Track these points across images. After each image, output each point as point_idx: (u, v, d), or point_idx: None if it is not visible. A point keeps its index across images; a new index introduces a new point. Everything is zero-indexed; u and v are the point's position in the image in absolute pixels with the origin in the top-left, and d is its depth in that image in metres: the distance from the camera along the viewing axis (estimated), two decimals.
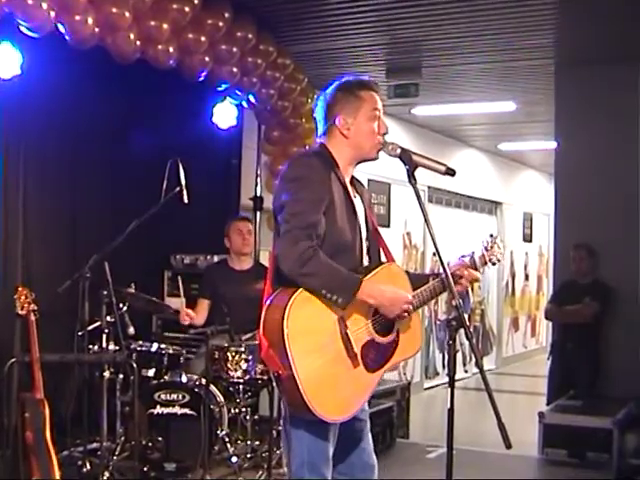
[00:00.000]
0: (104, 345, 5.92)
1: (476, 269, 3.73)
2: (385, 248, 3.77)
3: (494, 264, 3.87)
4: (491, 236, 3.88)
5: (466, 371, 13.76)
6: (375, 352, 3.43)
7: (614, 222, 8.21)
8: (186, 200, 6.10)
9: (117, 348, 5.97)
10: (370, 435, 3.74)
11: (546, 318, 8.95)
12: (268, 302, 3.34)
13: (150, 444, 5.95)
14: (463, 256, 3.77)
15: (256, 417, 6.55)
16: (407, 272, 3.77)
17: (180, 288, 6.62)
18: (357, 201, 3.63)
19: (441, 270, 3.38)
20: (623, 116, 8.32)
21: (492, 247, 3.82)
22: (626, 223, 8.16)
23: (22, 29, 5.39)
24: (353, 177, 3.72)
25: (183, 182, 6.06)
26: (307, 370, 3.19)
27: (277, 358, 3.22)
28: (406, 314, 3.44)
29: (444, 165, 3.41)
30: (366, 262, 3.61)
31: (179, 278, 6.77)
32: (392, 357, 3.51)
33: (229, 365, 6.02)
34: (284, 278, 3.30)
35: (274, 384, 3.43)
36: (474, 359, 4.02)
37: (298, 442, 3.41)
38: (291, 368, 3.17)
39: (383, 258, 3.75)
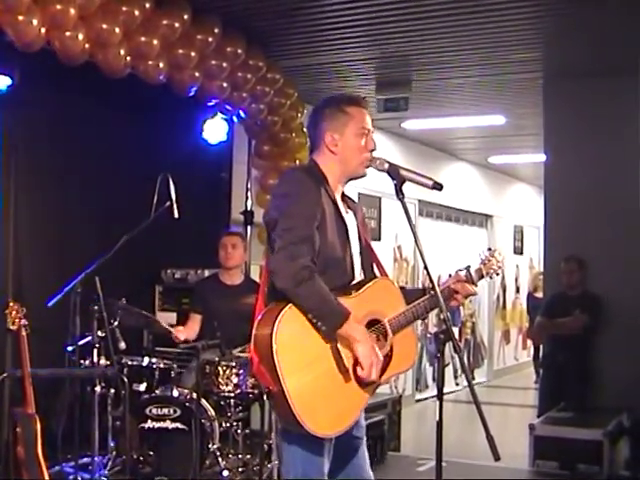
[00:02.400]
0: (95, 360, 5.93)
1: (472, 283, 3.73)
2: (378, 264, 3.77)
3: (491, 277, 3.87)
4: (489, 249, 3.89)
5: (457, 384, 13.76)
6: None
7: (604, 234, 8.24)
8: (176, 215, 6.12)
9: (108, 363, 5.97)
10: (367, 452, 3.73)
11: (530, 336, 8.94)
12: (259, 318, 3.35)
13: (141, 458, 5.94)
14: (460, 270, 3.77)
15: (247, 431, 6.55)
16: (402, 287, 3.77)
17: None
18: (349, 217, 3.64)
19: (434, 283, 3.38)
20: (611, 129, 8.37)
21: (490, 260, 3.83)
22: (616, 235, 8.18)
23: (13, 45, 5.42)
24: (344, 194, 3.73)
25: (173, 197, 6.08)
26: (297, 385, 3.19)
27: (267, 374, 3.23)
28: (367, 374, 3.32)
29: (431, 179, 3.43)
30: (359, 278, 3.61)
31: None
32: (385, 371, 3.50)
33: (220, 379, 6.03)
34: (277, 293, 3.30)
35: (265, 399, 3.43)
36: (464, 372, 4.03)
37: (292, 457, 3.41)
38: (281, 383, 3.17)
39: (376, 274, 3.75)
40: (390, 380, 10.08)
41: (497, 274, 3.86)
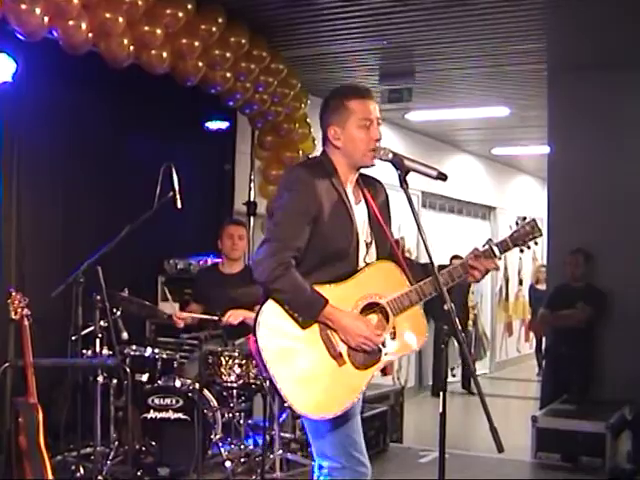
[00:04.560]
0: (98, 350, 5.93)
1: (494, 257, 3.58)
2: (395, 251, 3.68)
3: (528, 247, 3.70)
4: (524, 218, 3.74)
5: (453, 375, 13.70)
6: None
7: (607, 226, 8.23)
8: (179, 205, 6.09)
9: (111, 353, 5.97)
10: (361, 427, 3.75)
11: (533, 328, 8.94)
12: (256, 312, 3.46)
13: (144, 449, 5.94)
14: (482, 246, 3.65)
15: (250, 421, 6.56)
16: (418, 263, 3.77)
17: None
18: (359, 207, 3.64)
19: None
20: (615, 121, 8.35)
21: (523, 228, 3.67)
22: (619, 227, 8.18)
23: (16, 34, 5.40)
24: (364, 178, 3.72)
25: (176, 187, 6.06)
26: (283, 373, 3.32)
27: (260, 362, 3.38)
28: (366, 347, 3.42)
29: (436, 170, 3.42)
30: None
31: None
32: (390, 353, 3.53)
33: (222, 370, 6.03)
34: None
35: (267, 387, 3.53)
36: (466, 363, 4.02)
37: (322, 440, 3.56)
38: (269, 372, 3.32)
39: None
40: (392, 371, 10.04)
41: (533, 241, 3.69)
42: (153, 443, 5.95)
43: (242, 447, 6.29)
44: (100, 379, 5.90)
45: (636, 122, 8.25)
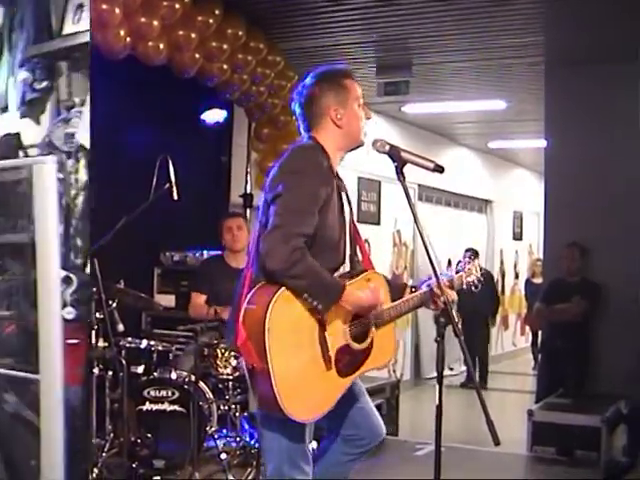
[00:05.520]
0: (93, 342, 5.92)
1: (453, 288, 3.71)
2: (362, 247, 3.76)
3: (470, 288, 3.83)
4: (470, 252, 3.88)
5: (451, 369, 13.72)
6: (349, 358, 3.44)
7: (603, 221, 8.23)
8: (176, 197, 6.08)
9: (106, 345, 5.96)
10: (369, 400, 3.80)
11: (529, 322, 8.95)
12: (251, 293, 3.34)
13: (139, 441, 5.93)
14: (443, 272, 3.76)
15: (246, 414, 6.55)
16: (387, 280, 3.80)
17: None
18: (344, 197, 3.64)
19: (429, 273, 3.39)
20: (612, 115, 8.35)
21: (469, 269, 3.83)
22: (615, 221, 8.18)
23: None
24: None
25: (173, 179, 6.04)
26: (282, 367, 3.20)
27: (254, 351, 3.22)
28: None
29: (432, 162, 3.41)
30: (347, 259, 3.63)
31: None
32: (363, 364, 3.52)
33: (218, 362, 6.02)
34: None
35: (247, 376, 3.42)
36: (462, 356, 4.02)
37: (274, 442, 3.43)
38: (267, 363, 3.17)
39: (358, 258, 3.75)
40: (388, 365, 9.98)
41: (475, 287, 3.83)
42: (149, 435, 5.94)
43: (238, 440, 6.27)
44: (95, 371, 5.90)
45: (633, 117, 8.22)
